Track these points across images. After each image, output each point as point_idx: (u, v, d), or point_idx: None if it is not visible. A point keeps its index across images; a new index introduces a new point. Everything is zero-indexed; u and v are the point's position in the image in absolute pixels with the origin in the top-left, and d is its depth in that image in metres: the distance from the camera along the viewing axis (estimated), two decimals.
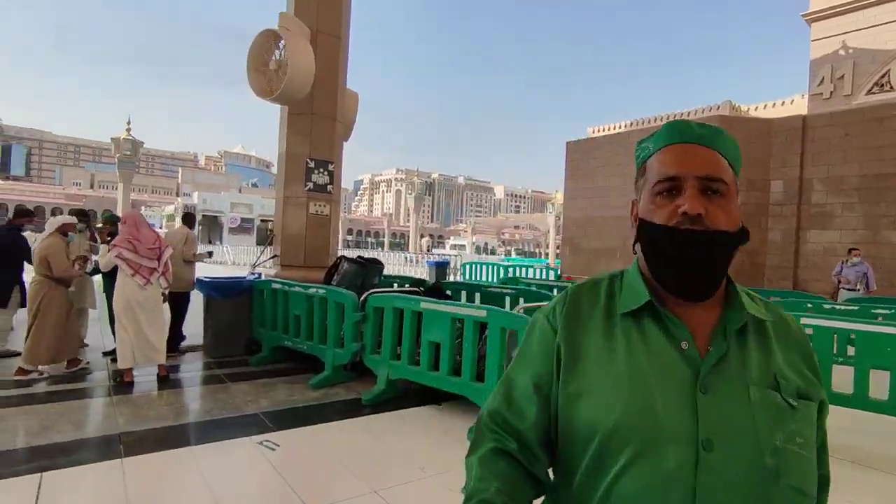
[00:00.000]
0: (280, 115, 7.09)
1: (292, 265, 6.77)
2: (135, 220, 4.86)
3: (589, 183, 14.93)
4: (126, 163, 36.97)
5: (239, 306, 6.06)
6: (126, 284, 4.74)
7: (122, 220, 4.84)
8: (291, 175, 6.81)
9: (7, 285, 5.52)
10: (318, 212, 6.89)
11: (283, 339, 5.65)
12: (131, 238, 4.75)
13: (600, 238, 14.65)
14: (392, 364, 4.66)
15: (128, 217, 4.86)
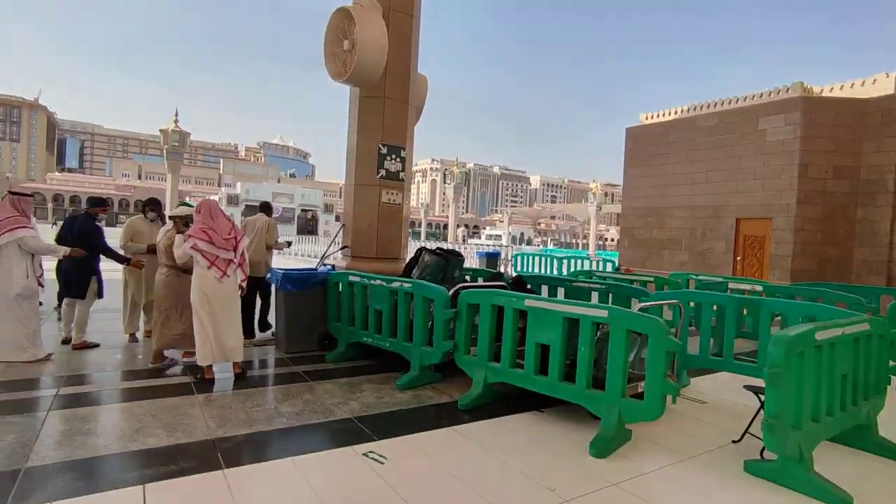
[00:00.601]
0: (350, 100, 6.76)
1: (363, 257, 6.46)
2: (210, 208, 4.61)
3: (651, 171, 14.17)
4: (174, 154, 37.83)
5: (313, 299, 5.79)
6: (202, 277, 4.50)
7: (197, 209, 4.59)
8: (363, 162, 6.48)
9: (85, 276, 5.39)
10: (391, 201, 6.54)
11: (361, 335, 5.35)
12: (206, 228, 4.49)
13: (663, 229, 13.91)
14: (490, 366, 4.27)
15: (202, 206, 4.60)
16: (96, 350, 5.44)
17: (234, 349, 4.60)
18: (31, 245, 4.85)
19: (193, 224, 4.61)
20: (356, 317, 5.42)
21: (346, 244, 6.63)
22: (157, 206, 6.01)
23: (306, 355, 5.62)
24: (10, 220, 4.82)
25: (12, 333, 4.79)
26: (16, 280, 4.81)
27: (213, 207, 4.65)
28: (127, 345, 5.76)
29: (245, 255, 4.83)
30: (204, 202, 4.67)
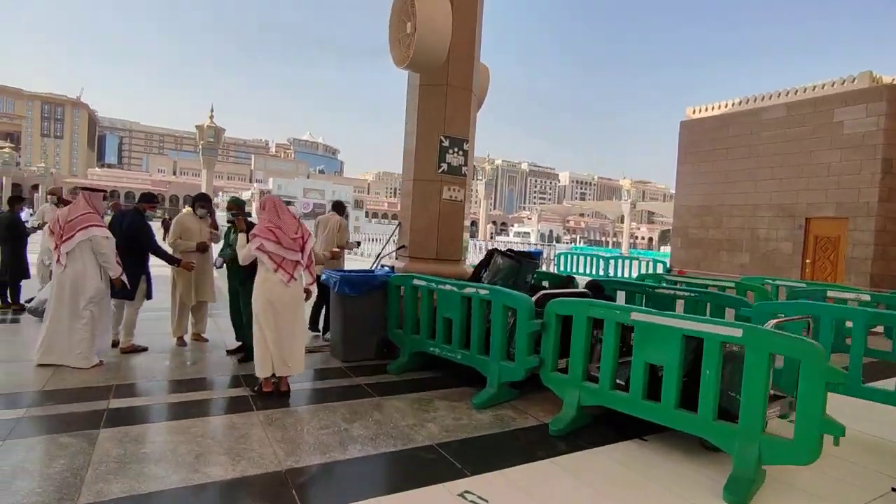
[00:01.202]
0: (408, 89, 6.29)
1: (422, 258, 5.99)
2: (275, 205, 4.18)
3: (708, 167, 13.33)
4: (209, 149, 38.20)
5: (373, 304, 5.35)
6: (266, 281, 4.08)
7: (262, 206, 4.16)
8: (423, 155, 6.00)
9: (134, 275, 5.06)
10: (452, 197, 6.05)
11: (427, 345, 4.87)
12: (273, 227, 4.07)
13: (720, 229, 13.07)
14: (585, 387, 3.74)
15: (267, 202, 4.18)
16: (145, 354, 5.11)
17: (295, 362, 4.17)
18: (101, 247, 4.57)
19: (258, 222, 4.19)
20: (421, 325, 4.95)
21: (403, 244, 6.17)
22: (207, 201, 5.65)
23: (365, 365, 5.18)
24: (84, 218, 4.55)
25: (73, 338, 4.51)
26: (89, 282, 4.56)
27: (279, 204, 4.22)
28: (175, 349, 5.42)
29: (312, 257, 4.41)
30: (268, 198, 4.24)
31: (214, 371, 4.76)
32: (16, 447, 3.00)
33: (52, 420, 3.44)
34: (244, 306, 5.01)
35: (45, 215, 7.49)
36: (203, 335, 5.82)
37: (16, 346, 5.25)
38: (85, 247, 4.52)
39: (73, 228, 4.49)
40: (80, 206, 4.62)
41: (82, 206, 4.61)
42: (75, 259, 4.52)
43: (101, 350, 4.70)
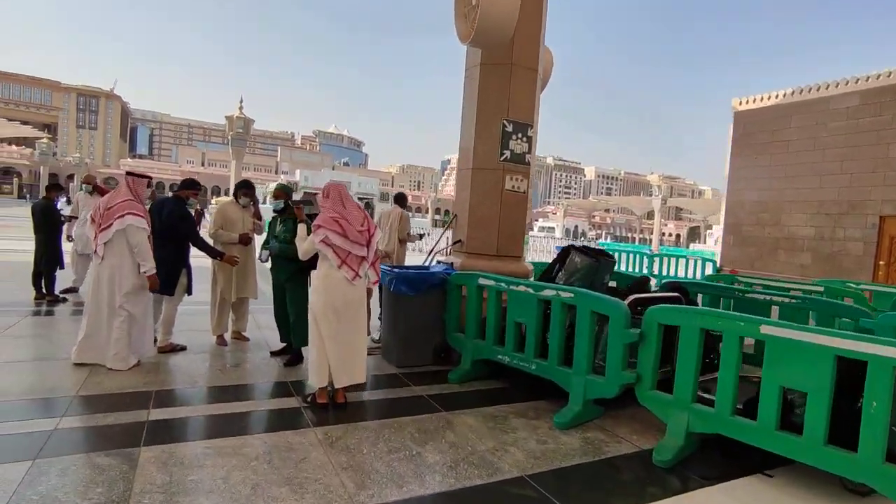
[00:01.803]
0: (466, 70, 5.76)
1: (480, 254, 5.46)
2: (339, 193, 3.69)
3: (766, 160, 12.47)
4: (238, 140, 38.28)
5: (431, 304, 4.85)
6: (328, 278, 3.60)
7: (324, 193, 3.67)
8: (482, 142, 5.46)
9: (173, 268, 4.65)
10: (515, 188, 5.50)
11: (494, 352, 4.35)
12: (338, 217, 3.58)
13: (779, 226, 12.22)
14: (697, 411, 3.17)
15: (331, 189, 3.69)
16: (183, 354, 4.71)
17: (356, 371, 3.70)
18: (134, 239, 4.15)
19: (321, 212, 3.70)
20: (487, 329, 4.43)
21: (459, 238, 5.64)
22: (250, 189, 5.21)
23: (422, 371, 4.70)
24: (123, 205, 4.14)
25: (110, 337, 4.12)
26: (126, 276, 4.17)
27: (344, 192, 3.73)
28: (215, 348, 5.01)
29: (378, 253, 3.92)
30: (332, 185, 3.75)
31: (259, 375, 4.33)
32: (48, 469, 2.58)
33: (87, 434, 3.03)
34: (291, 305, 4.57)
35: (79, 204, 7.19)
36: (244, 333, 5.41)
37: (50, 341, 4.90)
38: (122, 237, 4.12)
39: (111, 217, 4.09)
40: (122, 192, 4.22)
41: (123, 193, 4.21)
42: (113, 251, 4.13)
43: (142, 351, 4.30)
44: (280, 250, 4.47)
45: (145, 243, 4.16)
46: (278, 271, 4.61)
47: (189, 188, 4.83)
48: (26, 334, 5.04)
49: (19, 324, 5.39)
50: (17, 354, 4.36)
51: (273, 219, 4.75)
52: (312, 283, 3.66)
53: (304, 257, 3.75)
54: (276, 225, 4.65)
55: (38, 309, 6.28)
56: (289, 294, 4.58)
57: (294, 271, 4.54)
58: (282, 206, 4.62)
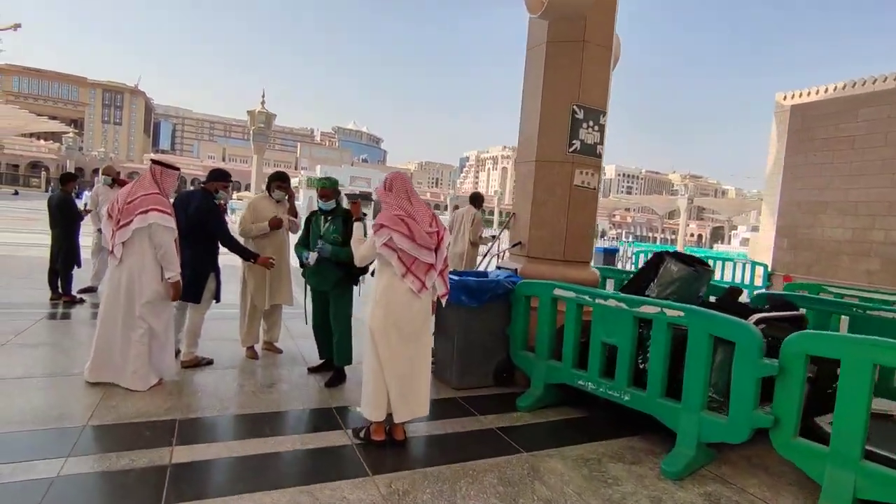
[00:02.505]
0: (527, 50, 5.08)
1: (544, 258, 4.78)
2: (405, 186, 3.03)
3: (827, 157, 11.53)
4: (260, 135, 38.09)
5: (493, 317, 4.20)
6: (390, 290, 2.96)
7: (386, 186, 3.01)
8: (548, 131, 4.77)
9: (200, 271, 4.07)
10: (585, 183, 4.80)
11: (574, 376, 3.68)
12: (405, 215, 2.94)
13: (843, 228, 11.27)
14: (868, 470, 2.46)
15: (395, 181, 3.02)
16: (210, 370, 4.13)
17: (419, 402, 3.06)
18: (159, 239, 3.55)
19: (382, 208, 3.04)
20: (565, 349, 3.76)
21: (519, 240, 4.97)
22: (285, 182, 4.60)
23: (484, 395, 4.05)
24: (147, 200, 3.54)
25: (128, 352, 3.55)
26: (146, 283, 3.58)
27: (409, 185, 3.06)
28: (245, 362, 4.43)
29: (447, 260, 3.26)
30: (397, 176, 3.07)
31: (298, 399, 3.71)
32: None
33: (96, 484, 2.44)
34: (336, 317, 3.96)
35: (98, 197, 6.68)
36: (276, 344, 4.82)
37: (63, 352, 4.36)
38: (143, 236, 3.53)
39: (131, 212, 3.50)
40: (145, 183, 3.63)
41: (147, 185, 3.62)
42: (132, 251, 3.55)
43: (163, 368, 3.72)
44: (333, 253, 3.84)
45: (171, 246, 3.57)
46: (321, 277, 3.99)
47: (218, 179, 4.23)
48: (37, 342, 4.50)
49: (31, 329, 4.87)
50: (24, 369, 3.81)
51: (312, 216, 4.13)
52: (374, 295, 3.02)
53: (360, 263, 3.11)
54: (320, 223, 4.03)
55: (53, 311, 5.77)
56: (333, 304, 3.97)
57: (340, 278, 3.93)
58: (332, 206, 3.99)
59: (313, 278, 4.03)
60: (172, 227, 3.59)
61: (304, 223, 4.13)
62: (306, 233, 4.13)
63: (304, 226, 4.18)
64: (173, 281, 3.61)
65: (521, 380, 4.30)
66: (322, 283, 3.97)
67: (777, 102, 20.62)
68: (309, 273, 4.06)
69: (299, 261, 4.04)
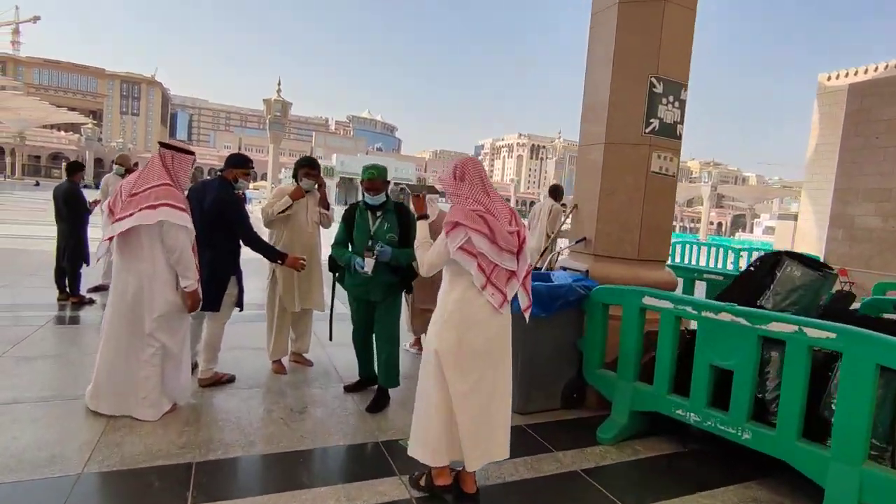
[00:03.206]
0: (594, 12, 4.36)
1: (615, 257, 4.10)
2: (481, 175, 2.37)
3: (894, 140, 10.59)
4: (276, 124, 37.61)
5: (560, 328, 3.55)
6: (467, 306, 2.32)
7: (457, 174, 2.34)
8: (619, 108, 4.06)
9: (220, 275, 3.46)
10: (664, 170, 4.10)
11: (670, 404, 3.02)
12: (483, 211, 2.29)
13: None
14: None
15: (468, 167, 2.36)
16: (231, 391, 3.54)
17: (499, 443, 2.44)
18: (173, 241, 2.93)
19: (456, 201, 2.38)
20: (658, 370, 3.09)
21: (584, 236, 4.29)
22: (315, 168, 3.97)
23: (555, 422, 3.43)
24: (157, 192, 2.90)
25: (136, 375, 2.98)
26: (158, 293, 2.97)
27: (484, 173, 2.40)
28: (272, 378, 3.84)
29: (530, 266, 2.61)
30: (469, 161, 2.40)
31: (337, 428, 3.10)
32: None
33: None
34: (383, 332, 3.36)
35: (108, 188, 6.14)
36: (306, 355, 4.23)
37: (66, 366, 3.83)
38: (153, 236, 2.93)
39: (133, 205, 2.89)
40: (154, 171, 3.00)
41: (157, 174, 2.99)
42: (140, 255, 2.95)
43: (178, 391, 3.15)
44: (393, 257, 3.21)
45: (187, 248, 2.96)
46: (371, 285, 3.31)
47: (237, 166, 3.59)
48: (37, 354, 3.96)
49: (32, 337, 4.34)
50: (16, 391, 3.25)
51: (353, 211, 3.47)
52: (441, 312, 2.38)
53: (429, 271, 2.46)
54: (368, 220, 3.36)
55: (60, 313, 5.26)
56: (381, 317, 3.35)
57: (391, 286, 3.31)
58: (382, 200, 3.35)
59: (360, 286, 3.36)
60: (188, 226, 2.98)
61: (341, 219, 3.47)
62: (347, 231, 3.43)
63: (340, 222, 3.52)
64: (190, 290, 3.01)
65: (594, 401, 3.66)
66: (371, 291, 3.32)
67: (820, 84, 19.44)
68: (354, 279, 3.36)
69: (346, 268, 3.33)
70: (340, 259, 3.34)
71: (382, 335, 3.36)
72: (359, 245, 3.34)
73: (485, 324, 2.32)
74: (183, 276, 2.98)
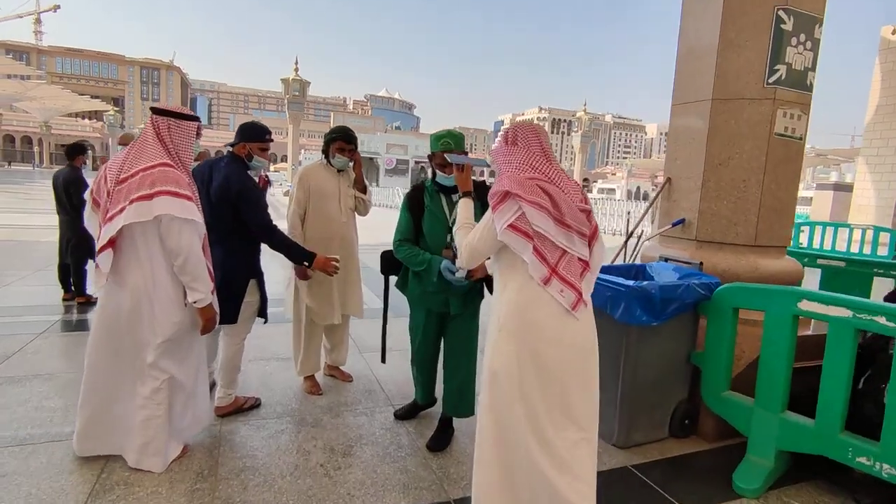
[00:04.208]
0: None
1: (724, 242, 3.27)
2: (539, 140, 1.74)
3: None
4: (295, 104, 36.93)
5: (671, 340, 2.76)
6: (530, 307, 1.68)
7: (508, 138, 1.76)
8: (735, 49, 3.18)
9: (234, 279, 2.73)
10: (790, 131, 3.21)
11: (845, 448, 2.21)
12: (544, 180, 1.68)
13: None
14: None
15: (520, 130, 1.78)
16: (257, 420, 2.85)
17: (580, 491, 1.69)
18: (176, 241, 2.19)
19: (499, 171, 1.78)
20: (827, 401, 2.28)
21: (682, 217, 3.45)
22: (351, 141, 3.19)
23: (668, 460, 2.65)
24: (151, 176, 2.16)
25: (135, 416, 2.30)
26: (161, 311, 2.25)
27: (545, 139, 1.79)
28: (304, 401, 3.15)
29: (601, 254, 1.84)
30: (522, 125, 1.81)
31: (395, 479, 2.38)
32: None
33: None
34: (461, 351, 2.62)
35: None
36: (343, 369, 3.53)
37: (59, 390, 3.19)
38: (150, 236, 2.20)
39: (125, 196, 2.16)
40: (147, 147, 2.25)
41: (150, 150, 2.24)
42: (133, 262, 2.23)
43: (191, 431, 2.47)
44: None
45: (196, 249, 2.24)
46: (448, 293, 2.55)
47: (252, 139, 2.79)
48: (27, 373, 3.33)
49: (27, 349, 3.73)
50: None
51: (418, 196, 2.65)
52: (497, 317, 1.75)
53: (469, 261, 1.80)
54: (443, 208, 2.58)
55: (65, 317, 4.66)
56: (455, 330, 2.61)
57: (471, 292, 2.57)
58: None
59: (435, 295, 2.57)
60: (196, 219, 2.24)
61: (403, 207, 2.68)
62: (414, 223, 2.61)
63: (403, 210, 2.67)
64: (202, 305, 2.28)
65: (710, 428, 2.88)
66: (451, 301, 2.55)
67: (882, 38, 17.72)
68: (426, 286, 2.58)
69: (421, 273, 2.56)
70: (414, 262, 2.52)
71: (457, 351, 2.61)
72: (433, 241, 2.55)
73: (556, 331, 1.69)
74: (192, 289, 2.25)
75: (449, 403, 2.67)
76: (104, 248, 2.18)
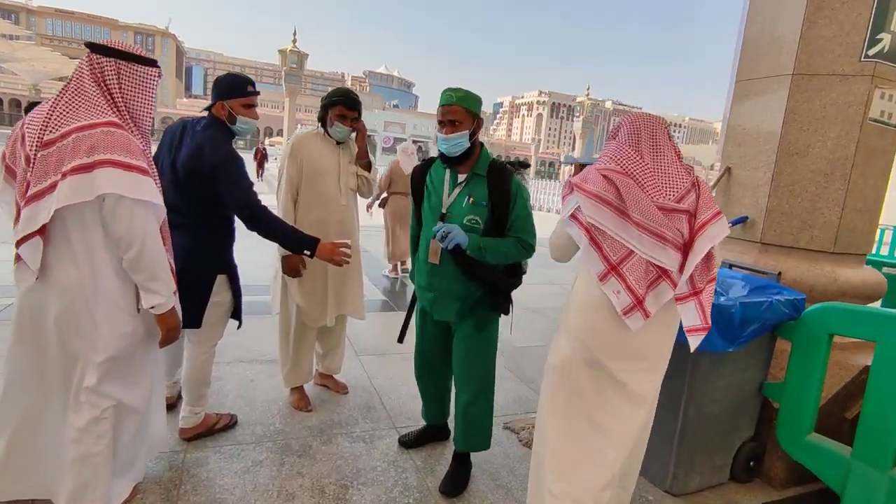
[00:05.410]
0: None
1: (794, 247, 2.75)
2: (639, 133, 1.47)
3: None
4: (292, 76, 35.87)
5: (741, 369, 2.25)
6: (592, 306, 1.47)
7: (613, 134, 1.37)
8: (823, 17, 2.62)
9: (202, 272, 2.17)
10: (885, 116, 2.68)
11: None
12: (618, 172, 1.46)
13: None
14: None
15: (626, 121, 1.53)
16: (232, 448, 2.33)
17: None
18: (125, 227, 1.60)
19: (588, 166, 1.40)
20: None
21: (745, 215, 2.92)
22: (353, 107, 2.59)
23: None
24: (89, 139, 1.56)
25: (65, 454, 1.73)
26: (103, 320, 1.66)
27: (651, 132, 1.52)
28: (292, 419, 2.62)
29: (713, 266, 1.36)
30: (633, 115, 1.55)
31: None
32: None
33: None
34: (466, 367, 2.10)
35: None
36: (338, 378, 3.00)
37: None
38: (90, 220, 1.63)
39: (55, 167, 1.58)
40: (84, 97, 1.64)
41: (88, 101, 1.64)
42: (65, 253, 1.65)
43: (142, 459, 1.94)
44: (472, 247, 1.92)
45: (152, 239, 1.66)
46: (441, 297, 2.06)
47: (232, 95, 2.18)
48: None
49: None
50: None
51: (423, 171, 2.15)
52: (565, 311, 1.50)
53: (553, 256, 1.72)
54: (443, 186, 2.06)
55: None
56: (462, 344, 2.08)
57: (469, 300, 2.03)
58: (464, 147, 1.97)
59: (425, 291, 2.11)
60: (154, 201, 1.66)
61: (413, 188, 2.15)
62: (416, 203, 2.20)
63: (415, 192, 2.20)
64: (162, 311, 1.73)
65: (779, 472, 2.39)
66: (438, 304, 2.05)
67: None
68: (419, 278, 2.14)
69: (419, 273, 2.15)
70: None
71: (459, 370, 2.11)
72: (427, 225, 2.08)
73: (612, 335, 1.55)
74: (147, 290, 1.68)
75: (456, 432, 2.17)
76: (31, 237, 1.61)
